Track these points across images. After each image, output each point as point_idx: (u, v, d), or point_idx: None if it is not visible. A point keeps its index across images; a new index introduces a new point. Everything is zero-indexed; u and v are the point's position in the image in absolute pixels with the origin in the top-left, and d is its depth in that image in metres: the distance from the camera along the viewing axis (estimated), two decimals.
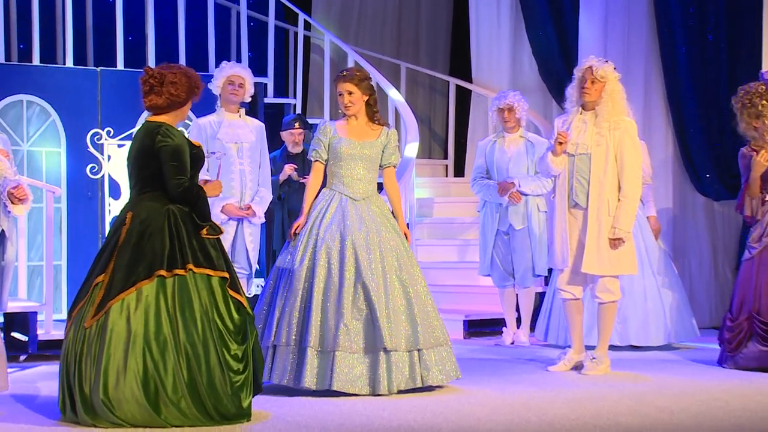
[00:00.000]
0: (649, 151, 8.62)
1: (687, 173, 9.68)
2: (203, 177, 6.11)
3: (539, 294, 8.87)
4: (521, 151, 8.43)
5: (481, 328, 9.17)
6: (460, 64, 12.17)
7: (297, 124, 8.84)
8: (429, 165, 11.69)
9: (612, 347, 7.34)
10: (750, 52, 9.32)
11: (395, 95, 10.12)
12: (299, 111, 10.52)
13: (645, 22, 9.60)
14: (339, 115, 6.66)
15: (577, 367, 7.09)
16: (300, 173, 8.60)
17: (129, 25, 9.91)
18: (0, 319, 7.75)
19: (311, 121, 9.45)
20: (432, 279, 8.04)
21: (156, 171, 5.42)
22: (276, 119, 9.73)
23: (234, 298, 5.44)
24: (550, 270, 8.19)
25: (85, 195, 8.82)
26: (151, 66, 5.62)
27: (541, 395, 6.15)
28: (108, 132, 8.83)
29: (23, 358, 7.68)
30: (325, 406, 5.80)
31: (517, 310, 8.65)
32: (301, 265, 6.25)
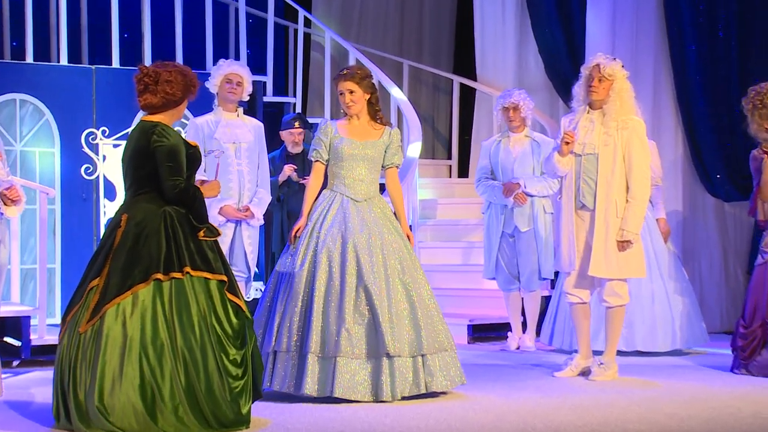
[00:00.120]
0: (659, 152, 8.55)
1: (697, 174, 9.66)
2: (200, 177, 6.12)
3: (545, 298, 8.83)
4: (527, 151, 8.38)
5: (486, 332, 9.17)
6: (464, 62, 12.14)
7: (297, 123, 8.78)
8: (432, 165, 11.69)
9: (618, 352, 7.31)
10: (761, 49, 9.35)
11: (398, 94, 10.09)
12: (299, 110, 10.50)
13: (654, 19, 9.58)
14: (340, 115, 6.63)
15: (585, 373, 7.07)
16: (300, 174, 8.55)
17: (124, 22, 9.93)
18: None
19: (311, 121, 9.42)
20: (435, 282, 7.97)
21: (152, 172, 5.39)
22: (275, 118, 9.70)
23: (232, 301, 5.42)
24: (556, 273, 8.13)
25: (80, 196, 8.79)
26: (147, 64, 5.60)
27: (548, 402, 6.12)
28: (103, 132, 8.82)
29: (16, 363, 7.67)
30: (326, 412, 5.78)
31: (523, 314, 8.63)
32: (302, 269, 6.21)
